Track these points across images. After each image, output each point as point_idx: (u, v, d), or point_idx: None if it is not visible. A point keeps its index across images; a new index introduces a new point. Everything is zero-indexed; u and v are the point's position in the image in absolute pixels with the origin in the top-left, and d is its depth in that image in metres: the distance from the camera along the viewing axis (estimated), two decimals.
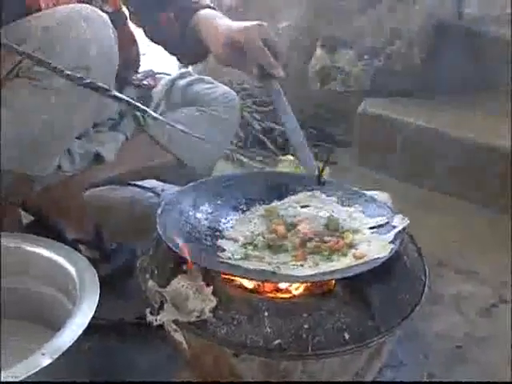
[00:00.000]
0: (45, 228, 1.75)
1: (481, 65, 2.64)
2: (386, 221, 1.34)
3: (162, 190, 2.20)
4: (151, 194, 2.16)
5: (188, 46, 1.79)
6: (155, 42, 1.90)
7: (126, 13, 1.88)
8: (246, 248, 1.31)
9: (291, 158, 2.27)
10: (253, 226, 1.40)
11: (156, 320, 1.13)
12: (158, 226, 1.26)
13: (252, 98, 2.92)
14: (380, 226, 1.34)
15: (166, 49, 1.92)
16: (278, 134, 2.75)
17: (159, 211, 1.33)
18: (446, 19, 2.82)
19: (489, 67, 2.63)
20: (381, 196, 1.47)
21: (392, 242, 1.25)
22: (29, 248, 1.47)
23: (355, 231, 1.34)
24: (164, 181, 2.11)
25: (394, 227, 1.30)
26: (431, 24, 2.79)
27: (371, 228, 1.34)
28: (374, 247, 1.26)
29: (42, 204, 1.76)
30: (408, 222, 1.30)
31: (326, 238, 1.30)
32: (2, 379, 1.04)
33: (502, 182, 2.27)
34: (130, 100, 1.14)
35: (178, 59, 1.97)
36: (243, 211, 1.45)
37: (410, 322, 1.21)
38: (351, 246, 1.29)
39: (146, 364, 1.46)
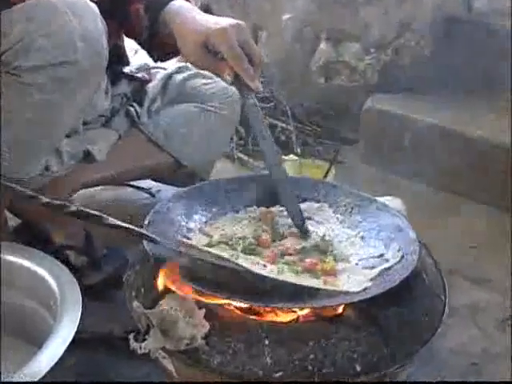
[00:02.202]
0: (32, 232, 1.70)
1: (491, 59, 2.56)
2: (381, 253, 1.24)
3: (158, 191, 2.16)
4: (146, 195, 2.12)
5: (158, 42, 1.68)
6: (128, 37, 1.80)
7: None
8: (217, 244, 1.23)
9: (295, 157, 2.20)
10: (240, 227, 1.31)
11: (141, 348, 1.02)
12: (145, 242, 1.16)
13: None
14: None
15: (137, 43, 1.81)
16: (280, 130, 2.65)
17: (146, 221, 1.24)
18: (455, 12, 2.77)
19: (499, 62, 2.54)
20: (394, 202, 1.40)
21: (372, 279, 1.15)
22: (11, 258, 1.40)
23: (342, 259, 1.23)
24: (160, 181, 2.08)
25: (387, 260, 1.21)
26: (440, 17, 2.73)
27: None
28: (352, 281, 1.15)
29: (29, 207, 1.68)
30: (401, 256, 1.21)
31: (306, 260, 1.20)
32: None
33: None
34: None
35: (150, 55, 1.84)
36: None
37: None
38: (330, 273, 1.18)
39: (136, 380, 1.39)
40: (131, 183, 2.15)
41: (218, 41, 1.39)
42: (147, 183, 2.16)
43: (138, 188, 2.18)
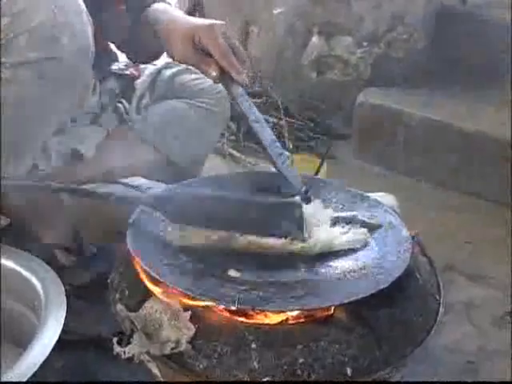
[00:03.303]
0: (20, 232, 1.65)
1: (485, 52, 2.58)
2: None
3: (148, 188, 2.13)
4: (137, 193, 2.10)
5: (140, 43, 1.70)
6: (106, 38, 1.79)
7: None
8: None
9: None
10: None
11: (124, 353, 0.98)
12: (127, 241, 1.12)
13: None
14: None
15: (116, 45, 1.83)
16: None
17: (131, 220, 1.22)
18: (449, 4, 2.76)
19: (493, 54, 2.56)
20: (386, 198, 1.37)
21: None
22: None
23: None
24: (150, 178, 2.01)
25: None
26: (434, 9, 2.73)
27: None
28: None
29: (16, 205, 1.65)
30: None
31: None
32: None
33: None
34: None
35: (129, 57, 1.86)
36: None
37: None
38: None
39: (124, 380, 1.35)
40: (120, 181, 2.13)
41: (205, 37, 1.43)
42: (138, 181, 2.14)
43: (127, 186, 2.16)
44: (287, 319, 1.04)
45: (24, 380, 1.02)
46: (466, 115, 2.38)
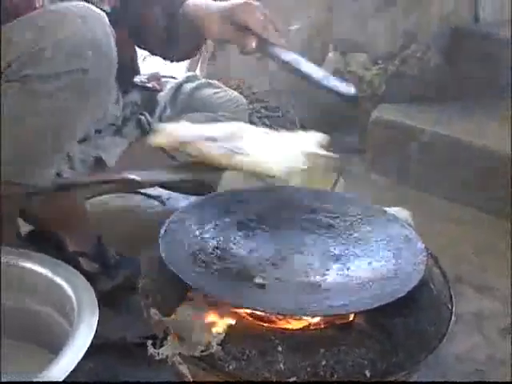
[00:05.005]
0: (44, 239, 1.70)
1: (497, 69, 2.60)
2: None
3: (168, 199, 2.17)
4: (157, 203, 2.14)
5: (177, 41, 1.77)
6: (138, 43, 1.87)
7: None
8: None
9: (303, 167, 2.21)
10: None
11: (159, 354, 1.05)
12: (161, 250, 1.18)
13: (261, 103, 2.85)
14: None
15: (150, 49, 1.90)
16: None
17: (163, 231, 1.25)
18: (462, 23, 2.79)
19: (505, 72, 2.57)
20: (401, 213, 1.41)
21: None
22: (25, 265, 1.41)
23: None
24: (169, 189, 2.08)
25: None
26: (447, 27, 2.76)
27: None
28: None
29: (40, 213, 1.70)
30: None
31: None
32: None
33: None
34: None
35: (165, 57, 1.91)
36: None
37: None
38: None
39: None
40: (141, 191, 2.18)
41: (244, 12, 1.59)
42: (157, 191, 2.19)
43: (148, 196, 2.21)
44: (309, 324, 1.10)
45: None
46: (474, 131, 2.40)
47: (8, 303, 1.42)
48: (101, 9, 1.48)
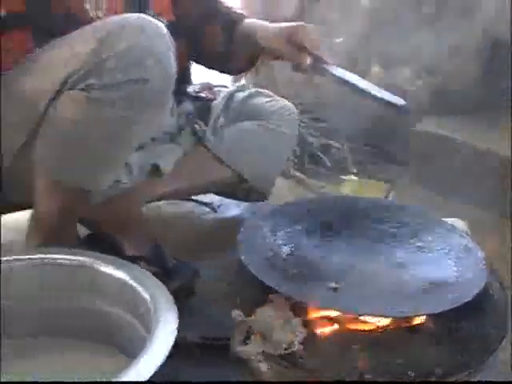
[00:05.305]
0: (102, 242, 1.73)
1: None
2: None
3: (219, 206, 2.23)
4: (208, 209, 2.19)
5: (233, 56, 1.85)
6: (195, 57, 1.93)
7: None
8: None
9: (354, 178, 2.29)
10: None
11: (243, 352, 1.13)
12: (241, 255, 1.26)
13: (308, 114, 2.90)
14: None
15: (207, 62, 1.95)
16: (335, 151, 2.73)
17: (241, 235, 1.33)
18: (502, 37, 2.75)
19: None
20: (458, 223, 1.49)
21: None
22: (98, 266, 1.41)
23: None
24: (223, 196, 2.14)
25: None
26: (489, 41, 2.77)
27: None
28: None
29: (99, 217, 1.75)
30: None
31: None
32: None
33: None
34: None
35: (222, 71, 1.99)
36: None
37: None
38: None
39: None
40: (194, 198, 2.23)
41: (301, 33, 1.68)
42: (209, 198, 2.24)
43: (200, 203, 2.26)
44: (377, 327, 1.18)
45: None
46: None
47: (79, 304, 1.44)
48: (160, 20, 1.51)
